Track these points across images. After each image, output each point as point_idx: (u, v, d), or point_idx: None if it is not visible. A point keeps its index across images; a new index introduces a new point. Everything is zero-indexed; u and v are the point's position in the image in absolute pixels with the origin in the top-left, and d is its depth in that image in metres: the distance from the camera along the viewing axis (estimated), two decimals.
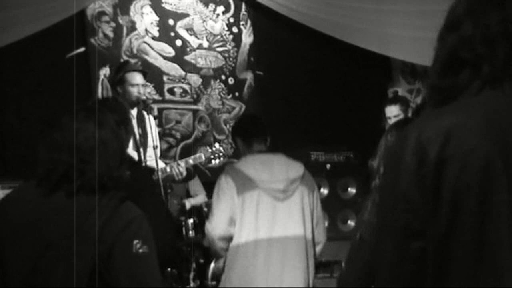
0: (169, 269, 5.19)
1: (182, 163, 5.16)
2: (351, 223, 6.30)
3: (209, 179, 6.62)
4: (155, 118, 5.29)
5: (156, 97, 6.65)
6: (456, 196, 1.46)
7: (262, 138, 3.90)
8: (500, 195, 1.45)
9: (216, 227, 3.58)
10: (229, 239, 3.61)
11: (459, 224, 1.47)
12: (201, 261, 5.82)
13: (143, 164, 4.93)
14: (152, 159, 5.18)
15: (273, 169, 3.70)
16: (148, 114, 5.20)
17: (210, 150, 5.39)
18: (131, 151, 5.19)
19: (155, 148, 4.96)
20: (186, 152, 6.49)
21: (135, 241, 2.20)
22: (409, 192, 1.50)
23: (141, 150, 5.14)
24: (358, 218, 2.84)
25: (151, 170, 4.72)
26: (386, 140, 2.73)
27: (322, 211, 4.01)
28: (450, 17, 1.65)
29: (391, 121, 5.82)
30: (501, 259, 1.45)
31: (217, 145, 5.51)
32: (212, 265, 5.63)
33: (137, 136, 5.20)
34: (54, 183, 2.25)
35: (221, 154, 5.43)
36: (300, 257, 3.64)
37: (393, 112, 5.86)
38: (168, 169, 5.09)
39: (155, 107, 6.39)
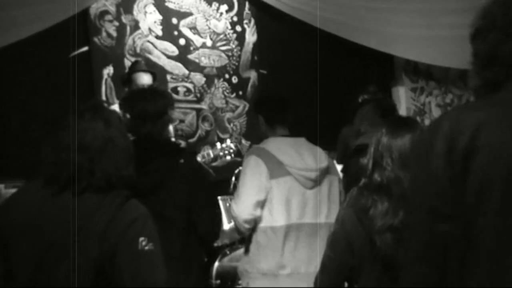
0: None
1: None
2: None
3: (213, 178, 6.62)
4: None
5: None
6: (482, 185, 1.52)
7: (286, 121, 3.86)
8: None
9: (242, 210, 3.54)
10: (255, 220, 3.60)
11: (484, 212, 1.52)
12: (205, 259, 5.81)
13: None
14: None
15: (304, 158, 3.68)
16: None
17: (219, 147, 5.37)
18: None
19: None
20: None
21: (141, 239, 2.19)
22: (438, 177, 1.57)
23: None
24: (337, 214, 2.85)
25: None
26: (377, 138, 2.73)
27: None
28: (490, 15, 1.69)
29: None
30: None
31: (228, 141, 5.48)
32: (216, 263, 5.63)
33: None
34: (63, 183, 2.25)
35: (231, 150, 5.41)
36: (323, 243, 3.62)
37: None
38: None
39: None
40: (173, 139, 3.84)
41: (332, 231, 2.76)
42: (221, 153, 5.36)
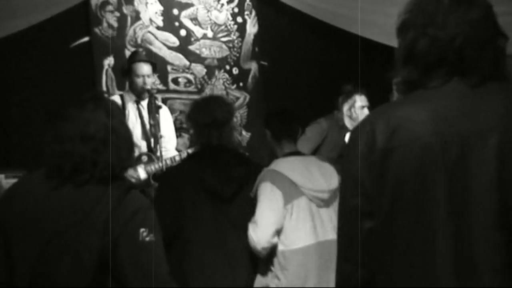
0: None
1: (191, 151, 5.17)
2: None
3: None
4: (158, 107, 5.30)
5: (160, 87, 6.63)
6: (398, 183, 1.59)
7: (293, 138, 3.89)
8: (437, 184, 1.55)
9: (261, 240, 3.52)
10: (271, 247, 3.60)
11: (399, 208, 1.59)
12: None
13: (158, 154, 4.95)
14: (166, 149, 5.21)
15: (317, 178, 3.69)
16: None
17: None
18: (139, 140, 5.22)
19: (160, 137, 4.98)
20: (190, 142, 6.49)
21: (142, 230, 2.20)
22: (360, 177, 1.64)
23: (152, 139, 5.16)
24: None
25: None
26: None
27: None
28: (412, 11, 1.75)
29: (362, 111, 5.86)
30: (434, 243, 1.54)
31: None
32: None
33: (148, 126, 5.23)
34: (67, 174, 2.25)
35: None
36: None
37: (363, 102, 5.91)
38: (177, 158, 5.11)
39: (159, 97, 6.40)
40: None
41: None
42: None
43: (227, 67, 7.15)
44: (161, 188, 3.76)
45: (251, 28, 7.31)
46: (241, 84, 7.23)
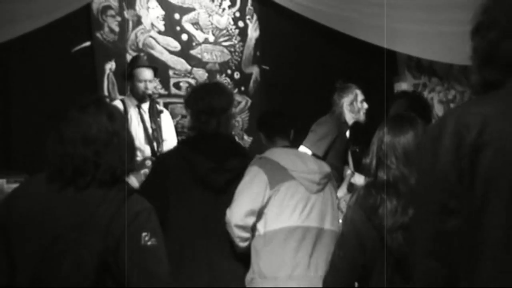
0: None
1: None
2: None
3: None
4: (159, 112, 5.31)
5: (162, 91, 6.64)
6: (489, 179, 1.53)
7: (286, 134, 3.91)
8: None
9: (233, 215, 3.53)
10: (247, 228, 3.59)
11: (491, 206, 1.54)
12: None
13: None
14: None
15: (306, 162, 3.72)
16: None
17: None
18: (143, 144, 5.22)
19: (162, 141, 4.99)
20: None
21: (144, 233, 2.20)
22: (446, 172, 1.59)
23: (154, 144, 5.17)
24: (344, 215, 2.84)
25: None
26: (379, 136, 2.72)
27: None
28: (490, 12, 1.69)
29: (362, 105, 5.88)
30: None
31: None
32: None
33: (150, 130, 5.23)
34: (69, 177, 2.25)
35: None
36: (328, 248, 3.58)
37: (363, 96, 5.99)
38: None
39: (161, 101, 6.40)
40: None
41: (341, 232, 2.75)
42: None
43: (229, 71, 7.15)
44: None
45: (253, 32, 7.31)
46: (242, 88, 7.23)
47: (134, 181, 5.02)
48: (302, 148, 5.45)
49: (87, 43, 6.34)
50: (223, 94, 3.72)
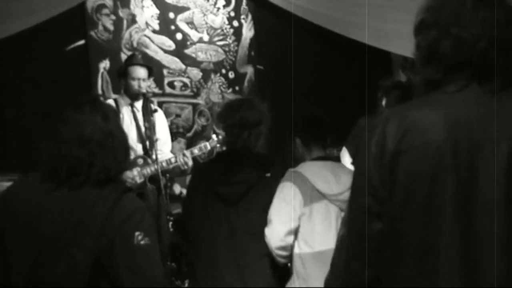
0: (168, 263, 5.17)
1: (187, 153, 5.17)
2: None
3: None
4: (153, 111, 5.30)
5: (156, 90, 6.63)
6: (407, 185, 1.58)
7: (322, 143, 3.80)
8: (446, 188, 1.54)
9: (273, 237, 3.52)
10: (287, 248, 3.56)
11: (408, 210, 1.59)
12: None
13: (153, 156, 4.94)
14: (161, 152, 5.21)
15: (340, 178, 3.61)
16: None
17: (216, 139, 5.37)
18: (135, 143, 5.21)
19: (155, 141, 4.97)
20: (187, 146, 6.50)
21: (137, 233, 2.19)
22: (371, 177, 1.64)
23: (147, 142, 5.16)
24: (343, 216, 2.81)
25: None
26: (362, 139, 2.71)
27: None
28: (434, 10, 1.70)
29: None
30: (440, 246, 1.54)
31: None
32: None
33: (143, 129, 5.23)
34: (63, 177, 2.25)
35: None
36: None
37: None
38: (173, 160, 5.11)
39: (155, 100, 6.39)
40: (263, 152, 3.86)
41: (340, 235, 2.71)
42: (218, 145, 5.36)
43: (223, 71, 7.15)
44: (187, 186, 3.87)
45: (247, 32, 7.32)
46: (237, 88, 7.24)
47: (137, 175, 5.03)
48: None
49: (81, 42, 6.33)
50: (254, 109, 3.72)
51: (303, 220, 3.53)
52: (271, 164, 3.73)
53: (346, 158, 6.19)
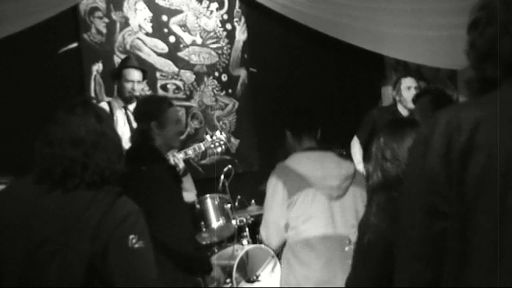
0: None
1: (180, 154, 5.16)
2: None
3: (202, 176, 6.61)
4: None
5: (149, 93, 6.62)
6: (479, 183, 1.51)
7: (313, 134, 3.87)
8: None
9: (271, 237, 3.58)
10: (285, 239, 3.62)
11: (480, 211, 1.52)
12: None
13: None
14: None
15: (326, 166, 3.67)
16: None
17: (210, 139, 5.36)
18: (128, 145, 5.20)
19: None
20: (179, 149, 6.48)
21: (131, 236, 2.19)
22: (436, 175, 1.57)
23: None
24: (362, 221, 2.79)
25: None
26: (379, 142, 2.71)
27: None
28: (490, 7, 1.65)
29: (408, 92, 5.92)
30: None
31: (217, 133, 5.48)
32: None
33: None
34: (57, 179, 2.24)
35: (222, 142, 5.40)
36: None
37: (407, 83, 6.11)
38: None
39: None
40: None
41: (366, 239, 2.68)
42: (211, 145, 5.36)
43: (216, 73, 7.15)
44: None
45: (240, 35, 7.32)
46: (230, 91, 7.23)
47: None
48: None
49: (74, 45, 6.31)
50: (145, 102, 3.99)
51: (291, 209, 3.58)
52: (145, 157, 3.73)
53: (356, 148, 6.24)
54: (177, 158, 5.11)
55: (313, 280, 3.55)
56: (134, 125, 5.27)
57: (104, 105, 5.41)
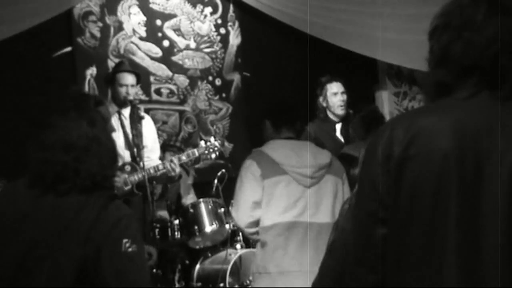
0: (154, 270, 5.16)
1: (175, 159, 5.17)
2: None
3: (196, 180, 6.61)
4: (140, 118, 5.29)
5: (143, 97, 6.62)
6: (412, 192, 1.57)
7: (292, 125, 3.91)
8: (451, 196, 1.53)
9: (241, 216, 3.61)
10: (256, 223, 3.63)
11: (412, 217, 1.58)
12: (187, 262, 5.81)
13: (141, 164, 4.94)
14: (149, 159, 5.20)
15: (301, 155, 3.72)
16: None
17: (204, 145, 5.37)
18: (123, 150, 5.20)
19: (141, 148, 4.98)
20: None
21: (124, 240, 2.19)
22: (376, 183, 1.63)
23: (135, 150, 5.15)
24: (335, 221, 2.83)
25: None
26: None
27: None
28: (447, 14, 1.70)
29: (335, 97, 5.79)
30: (442, 255, 1.53)
31: (212, 139, 5.48)
32: (198, 266, 5.62)
33: (130, 136, 5.22)
34: (49, 183, 2.24)
35: (216, 148, 5.41)
36: (323, 242, 3.65)
37: (333, 89, 5.85)
38: (160, 167, 5.11)
39: (142, 107, 6.38)
40: None
41: (331, 239, 2.73)
42: (206, 152, 5.36)
43: (210, 78, 7.16)
44: None
45: (234, 39, 7.33)
46: (223, 95, 7.24)
47: (124, 182, 5.02)
48: None
49: (68, 49, 6.32)
50: None
51: (264, 194, 3.63)
52: None
53: None
54: (173, 163, 5.12)
55: (283, 265, 3.61)
56: (128, 129, 5.29)
57: (104, 108, 5.39)
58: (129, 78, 5.43)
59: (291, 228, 3.62)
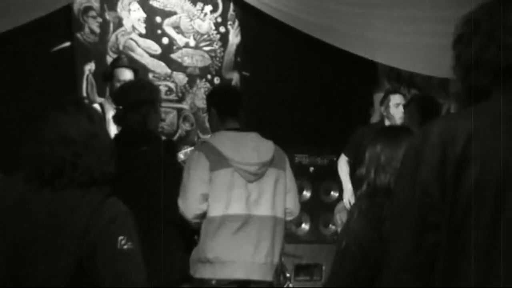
0: None
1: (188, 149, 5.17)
2: (332, 226, 6.35)
3: None
4: None
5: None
6: (474, 197, 1.50)
7: (236, 114, 3.96)
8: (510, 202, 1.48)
9: (189, 208, 3.65)
10: (204, 214, 3.69)
11: (475, 224, 1.50)
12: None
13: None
14: None
15: (246, 151, 3.78)
16: None
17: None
18: None
19: None
20: None
21: (120, 237, 2.18)
22: (428, 186, 1.55)
23: None
24: (344, 225, 2.81)
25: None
26: (375, 148, 2.72)
27: (295, 184, 4.10)
28: (474, 20, 1.67)
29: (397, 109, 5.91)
30: (506, 261, 1.47)
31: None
32: None
33: None
34: (46, 178, 2.23)
35: None
36: (267, 235, 3.75)
37: (397, 100, 6.05)
38: None
39: None
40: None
41: (344, 245, 2.70)
42: None
43: (209, 76, 7.14)
44: None
45: (234, 38, 7.31)
46: None
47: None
48: None
49: (67, 44, 6.30)
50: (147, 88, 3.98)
51: (211, 184, 3.69)
52: (146, 139, 3.80)
53: (342, 165, 6.21)
54: None
55: (223, 255, 3.67)
56: None
57: (96, 106, 5.38)
58: (127, 74, 5.42)
59: (233, 221, 3.69)
